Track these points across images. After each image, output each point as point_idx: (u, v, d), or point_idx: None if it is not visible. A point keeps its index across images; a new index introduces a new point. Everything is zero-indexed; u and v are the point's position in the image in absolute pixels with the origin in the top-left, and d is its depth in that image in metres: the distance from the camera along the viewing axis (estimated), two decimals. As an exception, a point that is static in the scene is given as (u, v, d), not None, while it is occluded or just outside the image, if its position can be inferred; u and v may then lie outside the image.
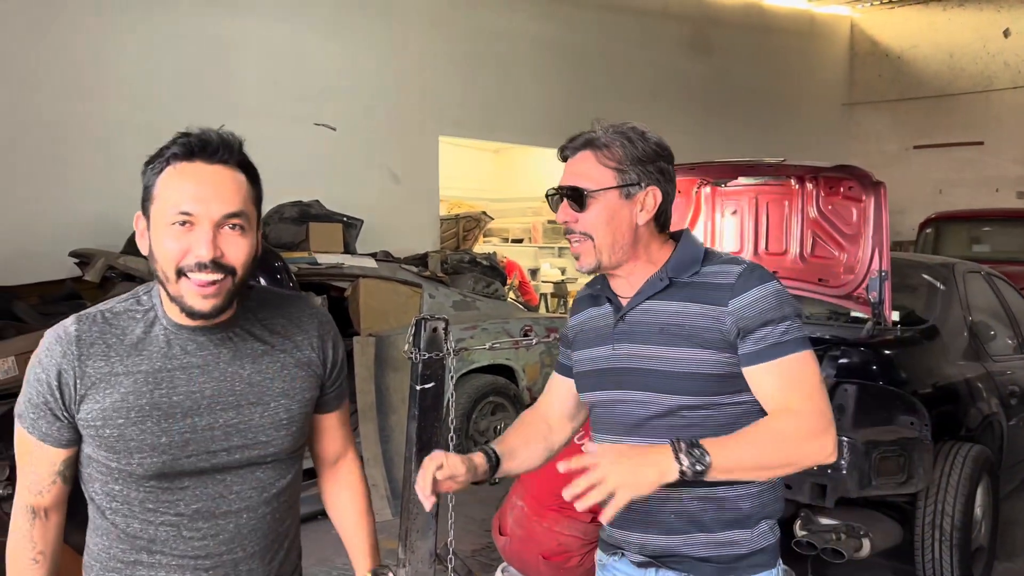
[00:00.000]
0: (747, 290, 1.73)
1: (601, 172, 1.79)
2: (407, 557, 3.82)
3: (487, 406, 6.24)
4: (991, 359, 4.63)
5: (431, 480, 1.72)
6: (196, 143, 1.51)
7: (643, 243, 1.81)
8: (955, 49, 15.00)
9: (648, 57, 12.10)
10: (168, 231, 1.49)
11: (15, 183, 6.49)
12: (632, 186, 1.78)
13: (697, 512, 1.77)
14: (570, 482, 3.58)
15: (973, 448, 4.10)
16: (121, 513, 1.58)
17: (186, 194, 1.49)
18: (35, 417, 1.55)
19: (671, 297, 1.79)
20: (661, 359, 1.76)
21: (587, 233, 1.79)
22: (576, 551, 3.54)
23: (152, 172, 1.52)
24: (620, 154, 1.79)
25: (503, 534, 3.78)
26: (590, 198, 1.78)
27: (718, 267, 1.78)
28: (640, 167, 1.79)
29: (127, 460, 1.53)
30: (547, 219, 14.71)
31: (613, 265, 1.81)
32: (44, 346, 1.56)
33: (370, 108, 8.92)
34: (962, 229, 11.06)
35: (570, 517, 3.55)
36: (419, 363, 3.70)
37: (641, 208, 1.79)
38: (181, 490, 1.57)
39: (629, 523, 1.84)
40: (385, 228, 8.36)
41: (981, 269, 5.28)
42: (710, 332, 1.73)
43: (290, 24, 8.30)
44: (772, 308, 1.72)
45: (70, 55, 6.84)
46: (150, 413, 1.52)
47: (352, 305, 6.00)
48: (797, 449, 1.65)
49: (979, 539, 4.24)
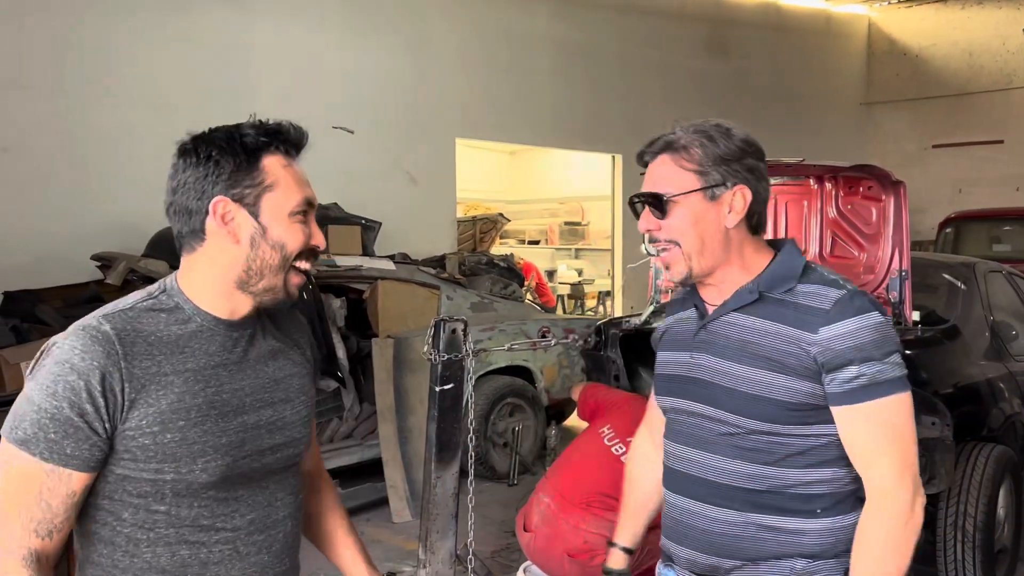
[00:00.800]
0: (841, 320, 1.61)
1: (681, 175, 1.69)
2: (427, 558, 3.84)
3: (505, 407, 6.25)
4: (1013, 359, 4.60)
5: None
6: (295, 137, 1.55)
7: (735, 247, 1.71)
8: (974, 47, 14.89)
9: (664, 58, 12.08)
10: (291, 220, 1.47)
11: (38, 188, 6.55)
12: (716, 187, 1.68)
13: (752, 539, 1.70)
14: (598, 479, 3.61)
15: (996, 449, 4.08)
16: (165, 543, 1.41)
17: (304, 183, 1.52)
18: (57, 438, 1.32)
19: (758, 313, 1.69)
20: (734, 377, 1.68)
21: (672, 240, 1.70)
22: (601, 550, 3.54)
23: (247, 155, 1.46)
24: (700, 155, 1.68)
25: (527, 530, 3.79)
26: (671, 203, 1.69)
27: (815, 288, 1.66)
28: (724, 166, 1.68)
29: (189, 467, 1.39)
30: (564, 220, 14.72)
31: (705, 272, 1.71)
32: (75, 349, 1.34)
33: (387, 111, 8.95)
34: (982, 228, 11.00)
35: (596, 515, 3.56)
36: (438, 364, 3.73)
37: (729, 210, 1.68)
38: (236, 500, 1.47)
39: (681, 536, 1.81)
40: (403, 230, 8.39)
41: (1002, 268, 5.24)
42: (793, 358, 1.63)
43: (308, 27, 8.34)
44: (867, 344, 1.60)
45: (91, 60, 6.90)
46: (208, 412, 1.42)
47: (371, 307, 6.03)
48: (910, 534, 1.61)
49: (1002, 540, 4.21)
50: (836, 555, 1.68)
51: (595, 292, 13.54)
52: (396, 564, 4.70)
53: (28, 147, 6.55)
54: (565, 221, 14.68)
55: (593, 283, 13.66)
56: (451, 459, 3.82)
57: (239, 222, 1.45)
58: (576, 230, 14.61)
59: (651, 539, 3.59)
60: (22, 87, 6.55)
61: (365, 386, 5.81)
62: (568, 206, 14.97)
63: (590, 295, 13.61)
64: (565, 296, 13.57)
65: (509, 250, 12.75)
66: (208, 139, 1.47)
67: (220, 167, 1.44)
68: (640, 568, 3.68)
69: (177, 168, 1.47)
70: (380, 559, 4.78)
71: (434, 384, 3.77)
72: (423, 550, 3.84)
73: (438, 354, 3.71)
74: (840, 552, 1.68)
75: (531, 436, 6.37)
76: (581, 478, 3.69)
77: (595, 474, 3.66)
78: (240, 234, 1.45)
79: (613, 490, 3.56)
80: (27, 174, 6.52)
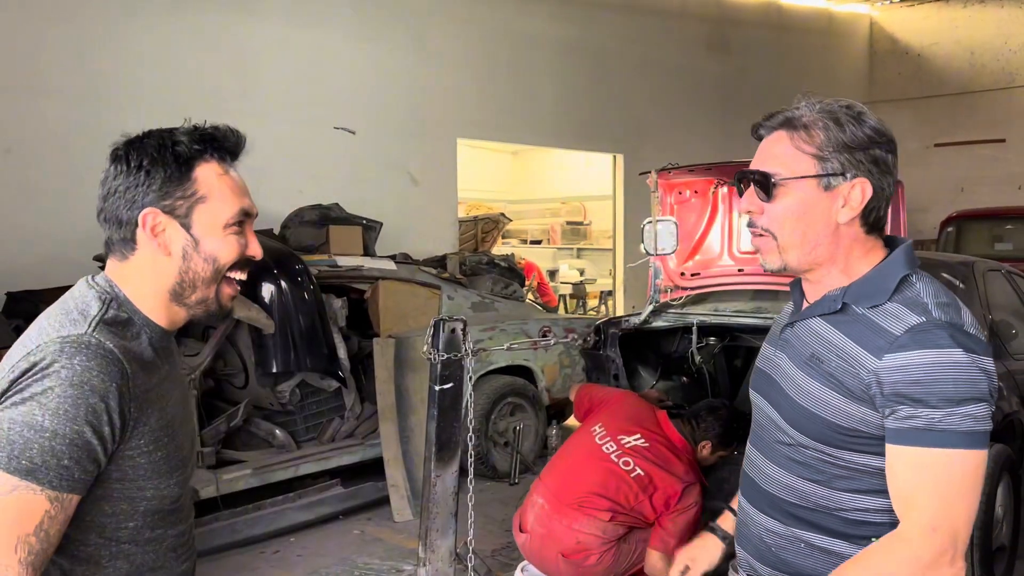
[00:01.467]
0: (908, 350, 1.42)
1: (797, 158, 1.53)
2: (427, 556, 3.85)
3: (506, 407, 6.27)
4: (1012, 358, 4.61)
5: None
6: (235, 143, 1.48)
7: (843, 247, 1.55)
8: (976, 46, 14.89)
9: (666, 58, 12.09)
10: (225, 232, 1.44)
11: (41, 189, 6.58)
12: (834, 176, 1.51)
13: (798, 554, 1.61)
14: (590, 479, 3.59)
15: (993, 447, 4.09)
16: (124, 555, 1.41)
17: (242, 194, 1.47)
18: (70, 464, 1.27)
19: (837, 324, 1.54)
20: (798, 387, 1.57)
21: (770, 229, 1.56)
22: (595, 549, 3.57)
23: (178, 164, 1.41)
24: (822, 138, 1.51)
25: (523, 531, 3.81)
26: (779, 187, 1.53)
27: (898, 308, 1.48)
28: (847, 154, 1.50)
29: (167, 482, 1.42)
30: (566, 220, 14.75)
31: (804, 268, 1.57)
32: (91, 370, 1.29)
33: (389, 111, 8.97)
34: (984, 227, 10.99)
35: (589, 515, 3.58)
36: (438, 364, 3.74)
37: (844, 203, 1.51)
38: (177, 511, 1.50)
39: (742, 540, 1.76)
40: (404, 230, 8.42)
41: (1002, 268, 5.25)
42: (852, 379, 1.48)
43: (310, 29, 8.37)
44: (929, 382, 1.40)
45: (93, 63, 6.93)
46: (171, 428, 1.43)
47: (372, 307, 6.05)
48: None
49: (1000, 538, 4.22)
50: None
51: (597, 292, 13.57)
52: (397, 563, 4.73)
53: (32, 149, 6.58)
54: (567, 221, 14.71)
55: (595, 283, 13.68)
56: (451, 458, 3.84)
57: (170, 234, 1.42)
58: (578, 230, 14.64)
59: (640, 544, 3.62)
60: (27, 90, 6.58)
61: (366, 385, 5.83)
62: (570, 206, 15.00)
63: (592, 295, 13.63)
64: (567, 296, 13.59)
65: (511, 250, 12.78)
66: (140, 146, 1.42)
67: (151, 177, 1.40)
68: (631, 570, 3.71)
69: (108, 174, 1.43)
70: (381, 558, 4.81)
71: (434, 383, 3.78)
72: (423, 548, 3.86)
73: (437, 353, 3.73)
74: None
75: (532, 435, 6.38)
76: (573, 478, 3.70)
77: (587, 474, 3.67)
78: (171, 246, 1.43)
79: (603, 489, 3.57)
80: (31, 176, 6.55)
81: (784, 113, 1.57)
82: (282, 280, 5.24)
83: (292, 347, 5.21)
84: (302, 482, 5.41)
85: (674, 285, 4.68)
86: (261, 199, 6.54)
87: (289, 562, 4.80)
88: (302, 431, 5.58)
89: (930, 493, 1.39)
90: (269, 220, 7.05)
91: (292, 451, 5.39)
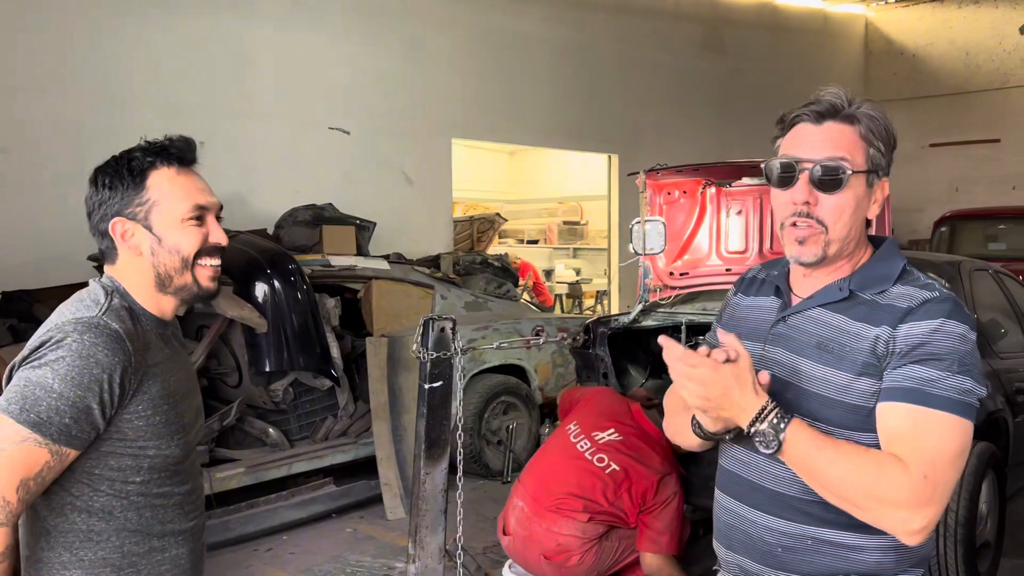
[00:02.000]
0: (924, 319, 1.49)
1: (860, 152, 1.55)
2: (417, 553, 3.89)
3: (499, 406, 6.30)
4: (997, 357, 4.65)
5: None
6: (184, 148, 1.71)
7: (860, 240, 1.62)
8: (971, 46, 14.92)
9: (661, 58, 12.12)
10: (183, 226, 1.67)
11: (36, 189, 6.62)
12: (876, 173, 1.57)
13: (806, 552, 1.59)
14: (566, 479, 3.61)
15: (977, 445, 4.12)
16: (135, 507, 1.65)
17: (195, 191, 1.70)
18: (70, 423, 1.51)
19: (844, 311, 1.58)
20: (809, 376, 1.57)
21: (823, 222, 1.56)
22: (576, 550, 3.60)
23: (132, 177, 1.65)
24: (871, 137, 1.56)
25: (506, 534, 3.85)
26: (852, 179, 1.54)
27: (907, 289, 1.55)
28: (888, 154, 1.58)
29: (167, 443, 1.67)
30: (562, 220, 14.78)
31: (832, 259, 1.60)
32: (97, 346, 1.54)
33: (383, 111, 9.01)
34: (977, 227, 11.03)
35: (567, 517, 3.61)
36: (427, 362, 3.78)
37: (874, 201, 1.59)
38: (184, 471, 1.75)
39: (730, 541, 1.72)
40: (399, 230, 8.46)
41: (989, 267, 5.28)
42: (873, 357, 1.51)
43: (305, 30, 8.40)
44: (940, 347, 1.47)
45: (92, 63, 6.96)
46: (174, 398, 1.69)
47: (365, 306, 6.08)
48: (874, 499, 1.43)
49: (985, 535, 4.26)
50: (896, 573, 1.58)
51: (593, 291, 13.61)
52: (388, 560, 4.77)
53: (27, 148, 6.62)
54: (564, 221, 14.74)
55: (591, 282, 13.72)
56: (440, 455, 3.88)
57: (138, 237, 1.67)
58: (575, 229, 14.67)
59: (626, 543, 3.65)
60: (22, 89, 6.62)
61: (359, 384, 5.86)
62: (567, 206, 15.03)
63: (589, 294, 13.67)
64: (563, 295, 13.62)
65: (508, 250, 12.81)
66: (104, 168, 1.69)
67: (114, 191, 1.66)
68: (614, 568, 3.75)
69: (88, 195, 1.70)
70: (373, 555, 4.85)
71: (423, 381, 3.82)
72: (412, 545, 3.89)
73: (427, 352, 3.77)
74: (901, 570, 1.58)
75: (525, 434, 6.42)
76: (550, 480, 3.74)
77: (563, 474, 3.71)
78: (141, 247, 1.68)
79: (580, 490, 3.61)
80: (26, 175, 6.59)
81: (830, 100, 1.58)
82: (275, 280, 5.27)
83: (285, 346, 5.24)
84: (295, 480, 5.44)
85: (663, 285, 4.72)
86: (256, 199, 6.60)
87: (282, 560, 4.84)
88: (295, 430, 5.61)
89: (923, 451, 1.43)
90: (263, 220, 7.09)
91: (285, 450, 5.42)
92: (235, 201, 7.55)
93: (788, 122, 1.63)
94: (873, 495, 1.42)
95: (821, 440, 1.46)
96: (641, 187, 4.52)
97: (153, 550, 1.69)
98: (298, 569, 4.70)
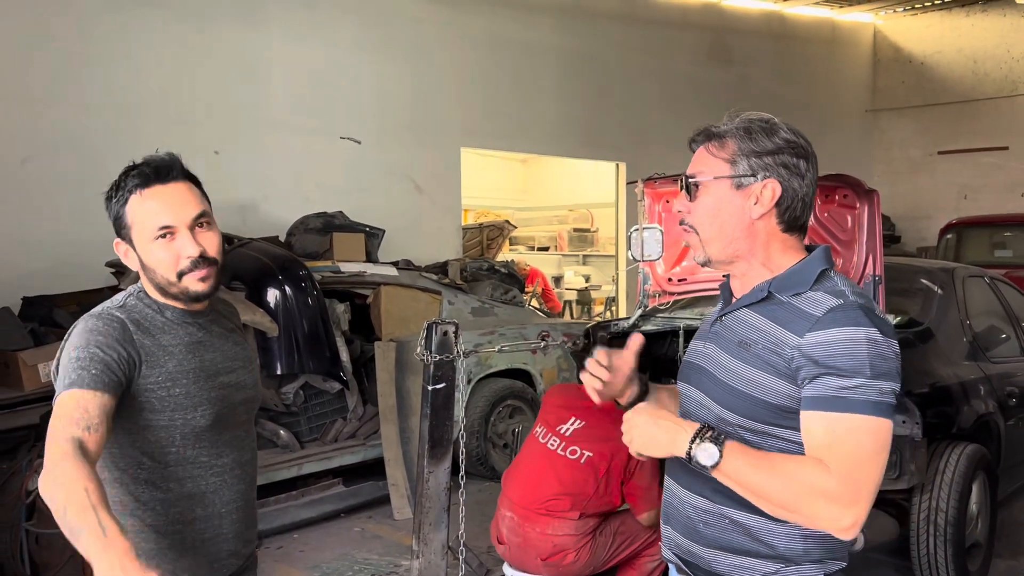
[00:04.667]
0: (828, 328, 1.60)
1: (713, 163, 1.74)
2: (420, 549, 4.02)
3: (505, 409, 6.42)
4: (989, 361, 4.74)
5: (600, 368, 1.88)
6: (151, 171, 1.85)
7: (761, 242, 1.74)
8: (979, 54, 14.96)
9: (669, 67, 12.22)
10: (155, 245, 1.84)
11: (56, 197, 6.78)
12: (745, 177, 1.71)
13: (721, 530, 1.74)
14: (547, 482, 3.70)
15: (968, 447, 4.22)
16: (176, 476, 1.85)
17: (158, 212, 1.84)
18: (97, 372, 1.71)
19: (763, 312, 1.71)
20: (727, 370, 1.72)
21: (693, 225, 1.77)
22: (572, 548, 3.71)
23: (117, 205, 1.85)
24: (734, 146, 1.72)
25: (501, 543, 3.95)
26: (699, 189, 1.75)
27: (819, 295, 1.66)
28: (756, 159, 1.70)
29: (192, 414, 1.85)
30: (572, 227, 14.91)
31: (725, 260, 1.77)
32: (99, 324, 1.79)
33: (394, 121, 9.15)
34: (983, 234, 11.09)
35: (559, 518, 3.69)
36: (430, 365, 3.91)
37: (756, 201, 1.71)
38: (223, 443, 1.93)
39: (667, 518, 1.89)
40: (409, 237, 8.59)
41: (985, 274, 5.37)
42: (777, 358, 1.64)
43: (316, 40, 8.56)
44: (846, 355, 1.57)
45: (110, 75, 7.13)
46: (199, 375, 1.88)
47: (374, 311, 6.22)
48: (805, 504, 1.56)
49: (975, 535, 4.35)
50: (813, 560, 1.68)
51: (603, 298, 13.71)
52: (395, 558, 4.90)
53: (48, 158, 6.78)
54: (574, 228, 14.86)
55: (600, 289, 13.82)
56: (443, 455, 4.01)
57: (131, 256, 1.90)
58: (585, 236, 14.78)
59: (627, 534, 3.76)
60: (43, 100, 6.80)
61: (368, 388, 5.99)
62: (577, 213, 15.15)
63: (599, 301, 13.77)
64: (572, 302, 13.73)
65: (519, 256, 12.95)
66: (107, 191, 1.90)
67: (110, 214, 1.89)
68: (610, 563, 3.86)
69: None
70: (380, 553, 4.98)
71: (427, 383, 3.95)
72: (416, 542, 4.02)
73: (430, 355, 3.90)
74: (816, 559, 1.68)
75: (530, 437, 6.53)
76: (532, 486, 3.80)
77: (542, 478, 3.77)
78: (135, 264, 1.90)
79: (563, 487, 3.68)
80: (47, 184, 6.75)
81: (709, 128, 1.78)
82: (286, 285, 5.42)
83: (296, 350, 5.39)
84: (305, 481, 5.58)
85: (662, 290, 4.83)
86: (268, 207, 6.79)
87: (291, 557, 4.97)
88: (305, 431, 5.75)
89: (844, 456, 1.55)
90: (275, 227, 7.25)
91: (296, 451, 5.56)
92: (248, 209, 7.72)
93: (689, 149, 1.84)
94: (805, 503, 1.56)
95: (755, 457, 1.61)
96: (639, 195, 4.64)
97: (196, 520, 1.88)
98: (307, 566, 4.84)
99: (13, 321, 5.09)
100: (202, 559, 1.90)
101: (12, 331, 4.91)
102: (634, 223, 4.79)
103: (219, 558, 1.93)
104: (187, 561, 1.87)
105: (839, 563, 1.71)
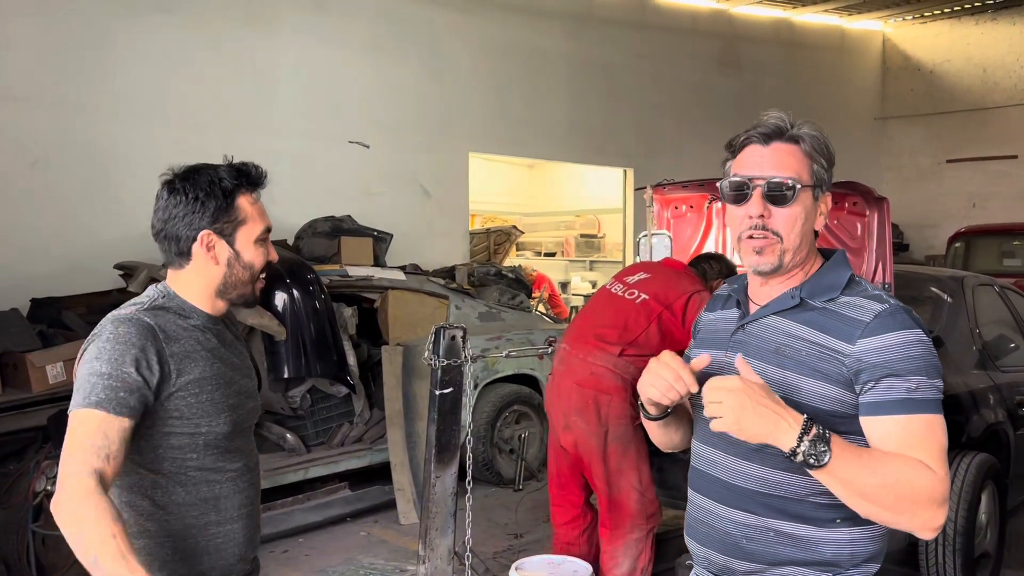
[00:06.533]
0: (881, 333, 1.60)
1: (805, 168, 1.70)
2: (427, 554, 4.01)
3: (511, 415, 6.41)
4: (999, 370, 4.72)
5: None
6: (256, 176, 1.95)
7: (811, 250, 1.76)
8: (988, 63, 14.93)
9: (677, 74, 12.22)
10: (256, 245, 1.95)
11: (65, 200, 6.80)
12: (821, 187, 1.72)
13: (768, 543, 1.70)
14: (602, 316, 3.63)
15: (977, 456, 4.21)
16: (193, 481, 1.87)
17: (264, 216, 1.97)
18: (125, 395, 1.71)
19: (798, 319, 1.70)
20: (766, 379, 1.62)
21: (778, 233, 1.70)
22: (606, 381, 3.75)
23: (224, 200, 1.88)
24: (815, 152, 1.71)
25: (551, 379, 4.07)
26: (800, 192, 1.69)
27: (857, 299, 1.67)
28: (824, 171, 1.72)
29: (215, 420, 1.88)
30: (579, 233, 14.89)
31: (788, 269, 1.73)
32: (131, 333, 1.77)
33: (402, 126, 9.16)
34: (992, 243, 11.05)
35: (601, 348, 3.78)
36: (438, 369, 3.91)
37: (820, 213, 1.74)
38: (235, 450, 1.97)
39: (701, 536, 1.83)
40: (416, 242, 8.60)
41: (994, 283, 5.35)
42: (830, 365, 1.63)
43: (325, 45, 8.58)
44: (904, 359, 1.58)
45: (119, 79, 7.15)
46: (220, 381, 1.91)
47: (381, 315, 6.22)
48: (913, 507, 1.52)
49: (984, 545, 4.33)
50: (856, 565, 1.67)
51: (610, 304, 13.64)
52: (400, 563, 4.89)
53: (57, 161, 6.80)
54: (581, 233, 14.84)
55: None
56: (450, 460, 4.00)
57: (219, 249, 1.91)
58: (592, 242, 14.76)
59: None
60: (52, 104, 6.82)
61: (375, 392, 5.99)
62: (584, 219, 15.13)
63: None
64: (579, 307, 13.70)
65: (526, 262, 12.93)
66: (193, 181, 1.89)
67: (205, 206, 1.88)
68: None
69: (168, 202, 1.90)
70: (386, 558, 4.98)
71: (434, 388, 3.95)
72: (423, 547, 4.01)
73: (437, 359, 3.90)
74: (860, 562, 1.67)
75: (536, 443, 6.51)
76: (588, 320, 3.98)
77: (599, 313, 3.95)
78: (220, 258, 1.92)
79: (614, 320, 3.82)
80: (55, 187, 6.77)
81: (774, 123, 1.73)
82: (294, 289, 5.43)
83: (303, 353, 5.39)
84: (311, 485, 5.58)
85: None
86: (277, 211, 6.79)
87: (297, 561, 4.97)
88: (312, 435, 5.75)
89: (928, 452, 1.54)
90: (283, 231, 7.26)
91: (302, 455, 5.57)
92: (256, 212, 7.72)
93: (738, 145, 1.79)
94: (912, 506, 1.51)
95: (863, 456, 1.55)
96: (648, 201, 4.64)
97: (209, 524, 1.90)
98: (312, 570, 4.83)
99: (21, 323, 5.09)
100: (215, 564, 1.92)
101: (20, 333, 4.91)
102: (641, 229, 4.80)
103: (230, 563, 1.96)
104: (201, 567, 1.90)
105: (876, 565, 1.71)
